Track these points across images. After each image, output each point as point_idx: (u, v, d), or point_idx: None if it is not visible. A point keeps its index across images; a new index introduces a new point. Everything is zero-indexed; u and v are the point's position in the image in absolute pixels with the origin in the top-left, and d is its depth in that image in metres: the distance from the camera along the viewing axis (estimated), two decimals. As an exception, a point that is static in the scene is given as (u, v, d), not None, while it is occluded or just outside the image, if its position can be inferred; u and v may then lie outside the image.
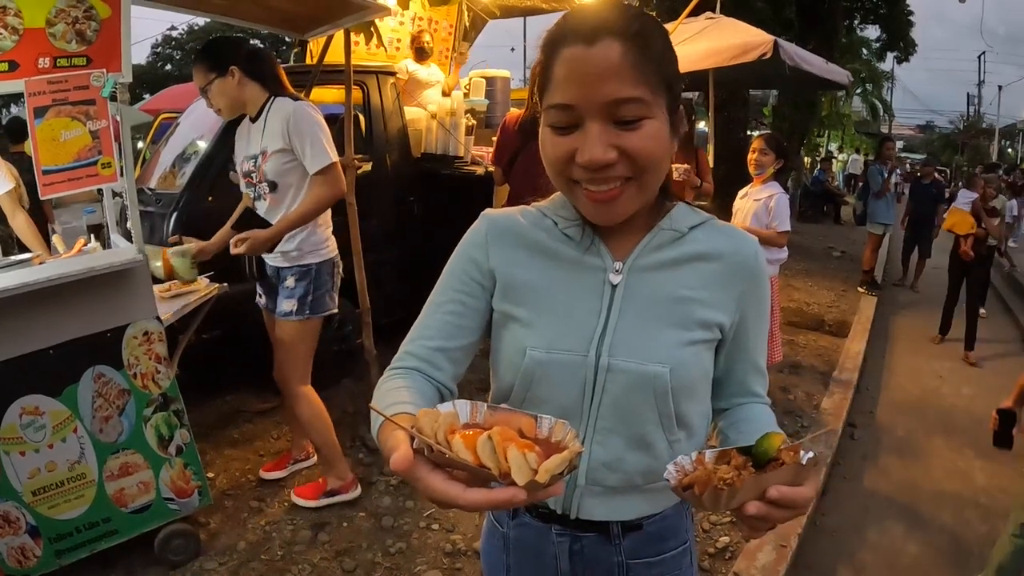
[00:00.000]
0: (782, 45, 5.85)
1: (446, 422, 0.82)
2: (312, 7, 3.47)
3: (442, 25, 6.74)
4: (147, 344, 2.81)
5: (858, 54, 20.66)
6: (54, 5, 2.51)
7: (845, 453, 4.35)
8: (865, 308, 7.63)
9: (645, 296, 1.10)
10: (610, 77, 0.95)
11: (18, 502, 2.65)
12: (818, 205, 16.71)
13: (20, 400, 2.61)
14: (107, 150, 2.64)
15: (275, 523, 3.28)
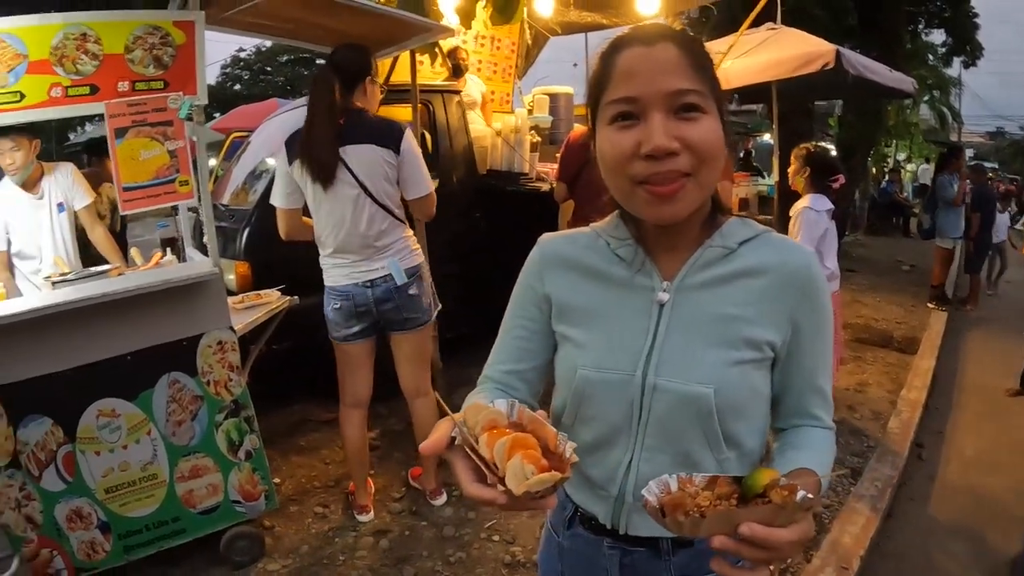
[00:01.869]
0: (844, 54, 5.77)
1: (487, 417, 0.92)
2: (377, 29, 3.58)
3: (505, 43, 6.82)
4: (220, 353, 2.94)
5: (923, 60, 20.00)
6: (132, 32, 2.69)
7: (912, 474, 4.24)
8: (935, 324, 7.41)
9: (692, 315, 1.10)
10: (670, 70, 0.99)
11: (91, 499, 2.81)
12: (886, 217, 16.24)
13: (97, 403, 2.78)
14: (184, 168, 2.81)
15: (338, 529, 3.37)
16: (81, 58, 2.62)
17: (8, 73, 2.56)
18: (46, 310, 2.67)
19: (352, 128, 2.96)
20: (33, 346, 2.67)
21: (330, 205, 3.02)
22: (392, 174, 3.04)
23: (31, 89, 2.59)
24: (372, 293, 3.10)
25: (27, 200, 3.71)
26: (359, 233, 3.03)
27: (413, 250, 3.23)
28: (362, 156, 2.97)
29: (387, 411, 4.35)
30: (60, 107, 2.66)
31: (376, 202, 3.01)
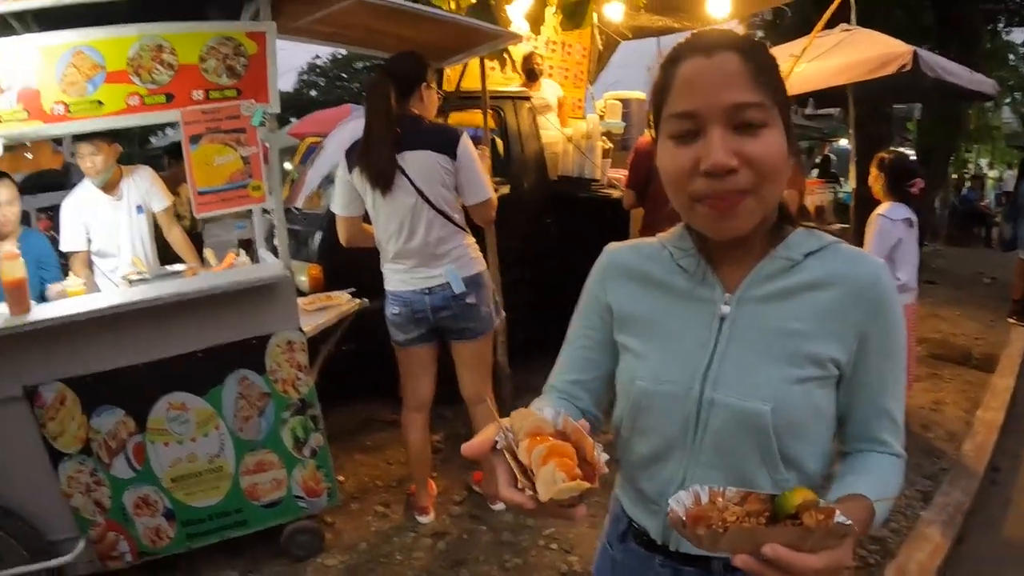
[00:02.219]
0: (922, 56, 5.58)
1: (531, 424, 0.95)
2: (445, 37, 3.64)
3: (576, 48, 6.81)
4: (289, 352, 3.02)
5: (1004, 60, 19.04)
6: (206, 43, 2.80)
7: (985, 499, 4.06)
8: (1015, 341, 7.08)
9: (753, 329, 1.07)
10: (731, 82, 0.97)
11: (158, 487, 2.95)
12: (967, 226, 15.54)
13: (168, 396, 2.90)
14: (256, 174, 2.91)
15: (397, 528, 3.42)
16: (157, 68, 2.74)
17: (87, 83, 2.69)
18: (122, 307, 2.81)
19: (409, 135, 3.00)
20: (109, 340, 2.81)
21: (389, 212, 3.06)
22: (449, 180, 3.06)
23: (109, 98, 2.72)
24: (429, 300, 3.12)
25: (107, 202, 3.88)
26: (417, 239, 3.06)
27: (473, 258, 3.21)
28: (419, 162, 3.00)
29: (452, 414, 4.35)
30: (137, 115, 2.78)
31: (434, 208, 3.03)
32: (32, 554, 2.79)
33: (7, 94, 2.66)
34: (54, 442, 2.81)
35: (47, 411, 2.77)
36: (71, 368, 2.78)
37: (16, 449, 2.80)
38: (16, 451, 2.80)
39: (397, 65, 3.10)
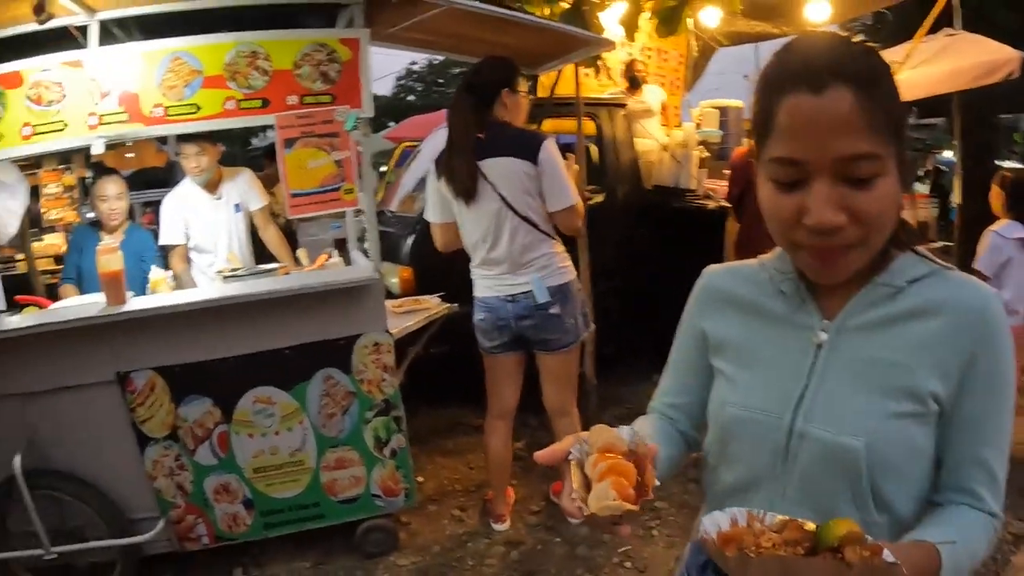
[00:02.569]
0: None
1: (606, 440, 0.94)
2: (540, 43, 3.63)
3: (672, 54, 6.69)
4: (376, 354, 3.08)
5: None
6: (300, 50, 2.90)
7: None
8: None
9: (850, 359, 1.00)
10: (842, 131, 0.86)
11: (239, 476, 3.07)
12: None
13: (255, 390, 3.02)
14: (349, 177, 2.98)
15: (472, 534, 3.42)
16: (252, 74, 2.87)
17: (185, 87, 2.84)
18: (215, 302, 2.96)
19: (492, 141, 2.99)
20: (201, 333, 2.95)
21: (474, 219, 3.07)
22: (533, 186, 3.01)
23: (206, 102, 2.86)
24: (512, 308, 3.09)
25: (207, 200, 4.05)
26: (502, 247, 3.04)
27: (561, 267, 3.14)
28: (501, 169, 2.98)
29: (536, 423, 4.28)
30: (233, 118, 2.92)
31: (518, 215, 3.01)
32: (113, 530, 2.97)
33: (109, 97, 2.84)
34: (142, 426, 2.97)
35: (137, 396, 2.93)
36: (163, 357, 2.93)
37: (106, 430, 2.98)
38: (105, 432, 2.98)
39: (477, 73, 3.11)
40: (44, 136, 2.88)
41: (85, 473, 2.99)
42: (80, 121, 2.86)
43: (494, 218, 3.01)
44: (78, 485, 2.97)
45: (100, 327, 2.86)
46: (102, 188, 3.91)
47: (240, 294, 2.98)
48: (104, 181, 3.97)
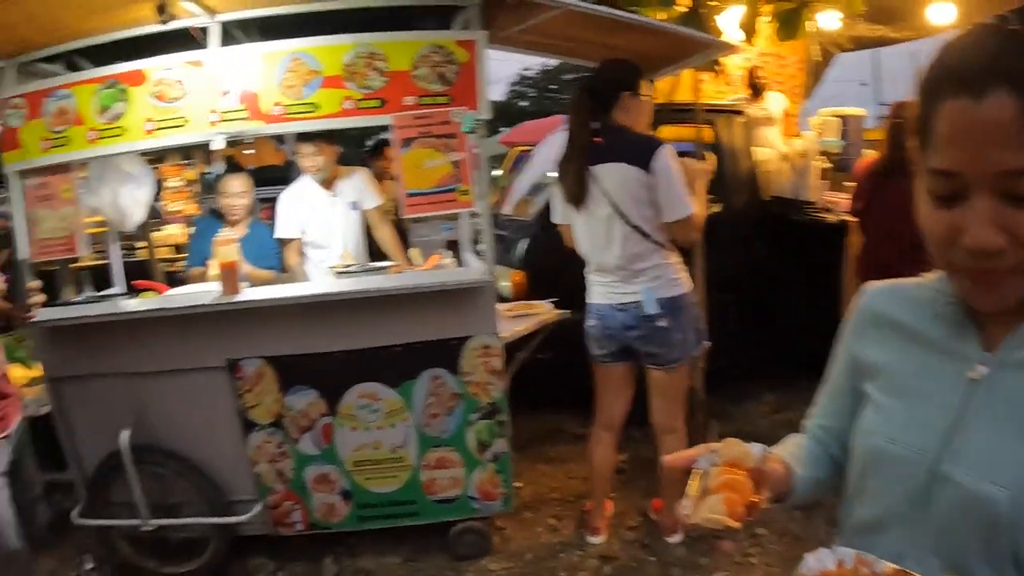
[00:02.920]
0: None
1: (735, 454, 0.95)
2: (656, 47, 3.55)
3: (790, 60, 6.43)
4: (485, 357, 3.07)
5: None
6: (418, 51, 2.93)
7: None
8: None
9: (1008, 399, 0.88)
10: (1002, 141, 0.76)
11: (340, 468, 3.13)
12: None
13: (361, 385, 3.07)
14: (465, 179, 2.99)
15: (566, 544, 3.36)
16: (370, 75, 2.92)
17: (304, 87, 2.93)
18: (327, 296, 3.03)
19: (609, 146, 2.91)
20: (312, 326, 3.03)
21: (586, 224, 3.02)
22: (645, 195, 2.88)
23: (325, 101, 2.94)
24: (621, 317, 3.00)
25: (324, 197, 4.14)
26: (613, 254, 2.97)
27: (674, 279, 3.01)
28: (614, 175, 2.90)
29: (641, 436, 4.06)
30: (351, 118, 2.98)
31: (629, 223, 2.92)
32: (211, 509, 3.10)
33: (230, 96, 2.96)
34: (248, 413, 3.08)
35: (245, 384, 3.04)
36: (273, 347, 3.03)
37: (213, 414, 3.11)
38: (212, 416, 3.12)
39: (596, 76, 3.05)
40: (166, 131, 3.04)
41: (189, 452, 3.14)
42: (201, 118, 2.99)
43: (605, 225, 2.95)
44: (181, 463, 3.12)
45: (213, 315, 2.98)
46: (228, 184, 4.09)
47: (352, 290, 3.04)
48: (230, 177, 4.15)
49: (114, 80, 3.05)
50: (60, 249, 3.21)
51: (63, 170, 3.17)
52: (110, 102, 3.03)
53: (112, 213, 3.70)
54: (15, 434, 2.43)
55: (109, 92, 3.04)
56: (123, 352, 3.10)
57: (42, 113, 3.10)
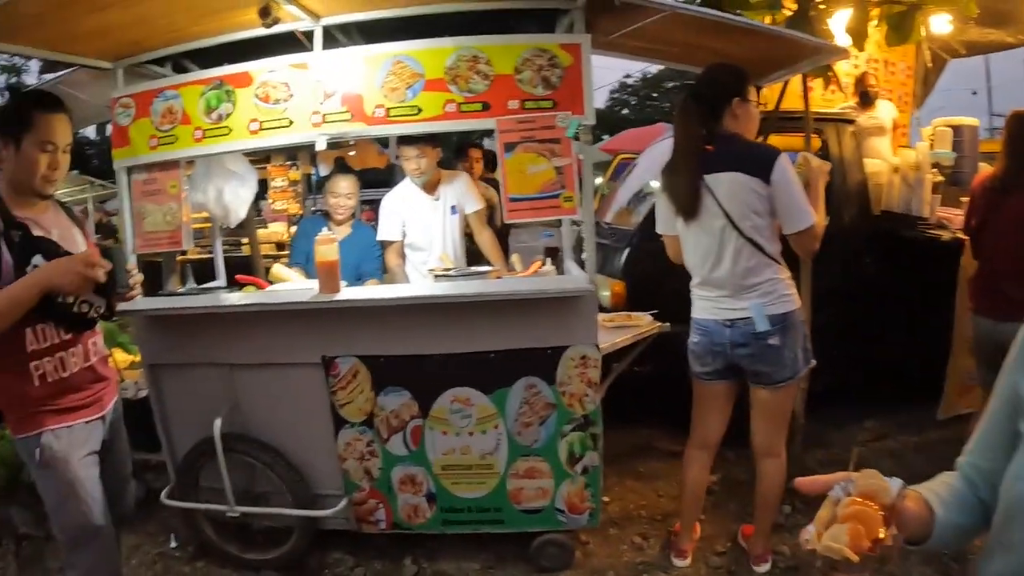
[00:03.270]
0: None
1: (870, 487, 0.93)
2: (765, 51, 3.41)
3: (899, 67, 6.13)
4: (582, 367, 3.00)
5: None
6: (521, 55, 2.90)
7: None
8: None
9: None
10: None
11: (427, 470, 3.13)
12: None
13: (455, 389, 3.05)
14: (569, 185, 2.94)
15: (649, 565, 3.26)
16: (473, 78, 2.91)
17: (407, 89, 2.94)
18: (425, 299, 3.04)
19: (720, 155, 2.80)
20: (409, 328, 3.03)
21: (696, 236, 2.91)
22: (762, 206, 2.76)
23: (427, 104, 2.94)
24: (730, 334, 2.87)
25: (425, 201, 4.16)
26: (724, 268, 2.85)
27: (785, 295, 2.87)
28: (728, 185, 2.78)
29: (735, 457, 3.98)
30: (454, 121, 2.98)
31: (743, 235, 2.80)
32: (296, 500, 3.15)
33: (333, 98, 3.01)
34: (340, 410, 3.11)
35: (339, 381, 3.07)
36: (369, 347, 3.05)
37: (305, 408, 3.16)
38: (305, 410, 3.17)
39: (704, 82, 2.93)
40: (270, 132, 3.11)
41: (278, 444, 3.20)
42: (304, 119, 3.04)
43: (717, 237, 2.83)
44: (270, 454, 3.18)
45: (311, 312, 3.02)
46: (336, 184, 4.18)
47: (450, 294, 3.03)
48: (339, 178, 4.24)
49: (220, 81, 3.15)
50: (165, 242, 3.33)
51: (169, 167, 3.28)
52: (216, 103, 3.13)
53: (216, 209, 3.81)
54: (109, 415, 2.50)
55: (215, 93, 3.14)
56: (221, 343, 3.19)
57: (150, 112, 3.22)
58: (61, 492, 2.30)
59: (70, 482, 2.29)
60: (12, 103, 2.32)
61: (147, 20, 2.92)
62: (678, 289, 3.12)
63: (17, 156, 2.23)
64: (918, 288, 4.39)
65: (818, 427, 4.14)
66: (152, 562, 3.50)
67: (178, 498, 3.33)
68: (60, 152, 2.28)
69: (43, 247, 2.25)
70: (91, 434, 2.38)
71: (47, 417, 2.26)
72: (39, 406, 2.26)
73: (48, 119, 2.24)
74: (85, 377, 2.38)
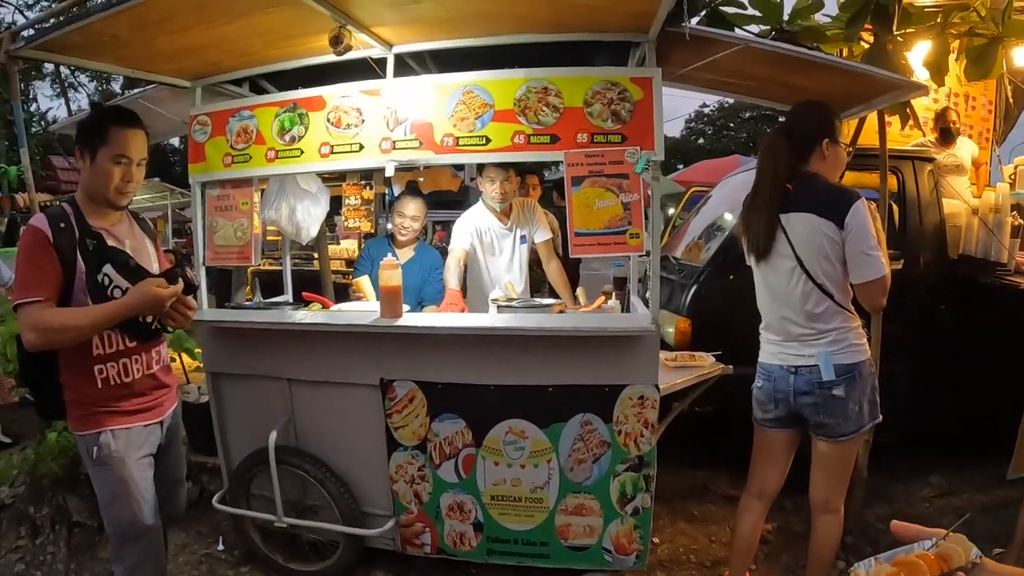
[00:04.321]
0: None
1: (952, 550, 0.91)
2: (842, 87, 3.31)
3: (980, 101, 5.91)
4: (640, 407, 2.95)
5: None
6: (591, 87, 2.87)
7: None
8: None
9: None
10: None
11: (476, 499, 3.12)
12: None
13: (510, 421, 3.04)
14: (636, 221, 2.89)
15: (696, 612, 3.14)
16: (543, 110, 2.89)
17: (476, 119, 2.95)
18: (485, 331, 3.03)
19: (799, 194, 2.71)
20: (468, 357, 3.04)
21: (765, 275, 2.84)
22: (834, 251, 2.65)
23: (496, 135, 2.94)
24: (794, 381, 2.76)
25: (497, 226, 4.19)
26: (791, 311, 2.76)
27: (854, 344, 2.72)
28: (803, 226, 2.70)
29: (792, 506, 3.88)
30: (522, 152, 2.95)
31: (812, 280, 2.71)
32: (344, 517, 3.19)
33: (402, 125, 3.04)
34: (394, 432, 3.14)
35: (396, 404, 3.10)
36: (427, 373, 3.06)
37: (360, 428, 3.21)
38: (359, 430, 3.21)
39: (795, 120, 2.84)
40: (341, 156, 3.16)
41: (330, 461, 3.25)
42: (374, 145, 3.08)
43: (786, 278, 2.75)
44: (322, 469, 3.22)
45: (372, 335, 3.06)
46: (403, 206, 4.19)
47: (510, 327, 3.03)
48: (407, 199, 4.24)
49: (294, 104, 3.22)
50: (235, 257, 3.40)
51: (242, 184, 3.36)
52: (290, 125, 3.20)
53: (288, 227, 3.89)
54: (167, 420, 2.57)
55: (289, 115, 3.21)
56: (282, 359, 3.25)
57: (226, 131, 3.31)
58: (114, 490, 2.38)
59: (124, 481, 2.37)
60: (91, 116, 2.40)
61: (224, 43, 3.00)
62: (744, 329, 3.03)
63: (92, 167, 2.32)
64: (994, 338, 4.17)
65: (879, 480, 3.98)
66: (198, 562, 3.60)
67: (229, 504, 3.41)
68: (134, 166, 2.37)
69: (115, 257, 2.35)
70: (148, 437, 2.46)
71: (107, 418, 2.35)
72: (99, 407, 2.34)
73: (124, 134, 2.33)
74: (146, 384, 2.46)
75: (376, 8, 2.74)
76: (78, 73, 22.16)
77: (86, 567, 3.60)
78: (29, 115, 22.48)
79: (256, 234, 3.38)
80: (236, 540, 3.63)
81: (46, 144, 18.87)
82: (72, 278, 2.25)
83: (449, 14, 2.80)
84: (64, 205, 2.35)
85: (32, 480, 3.96)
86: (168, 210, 13.07)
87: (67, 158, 13.39)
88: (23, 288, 2.19)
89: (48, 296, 2.19)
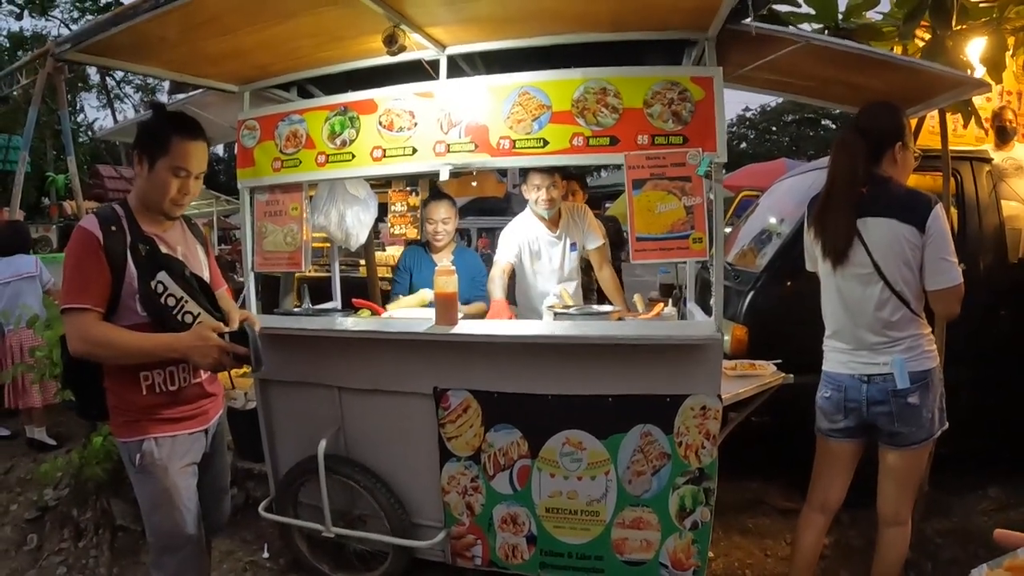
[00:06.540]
0: None
1: None
2: (903, 86, 3.21)
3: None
4: (702, 418, 2.85)
5: None
6: (651, 87, 2.79)
7: None
8: None
9: None
10: None
11: (530, 511, 3.04)
12: None
13: (567, 431, 2.95)
14: (699, 226, 2.79)
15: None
16: (601, 111, 2.81)
17: (533, 121, 2.88)
18: (545, 339, 2.95)
19: (873, 199, 2.62)
20: (524, 366, 2.95)
21: (837, 281, 2.74)
22: (913, 257, 2.58)
23: (554, 137, 2.86)
24: (866, 390, 2.67)
25: (546, 234, 4.11)
26: (865, 319, 2.67)
27: (926, 352, 2.66)
28: (880, 231, 2.61)
29: (849, 520, 3.73)
30: (580, 155, 2.87)
31: (889, 287, 2.62)
32: (394, 528, 3.13)
33: (457, 128, 2.98)
34: (448, 442, 3.07)
35: (450, 414, 3.04)
36: (482, 382, 2.99)
37: (412, 438, 3.14)
38: (411, 439, 3.15)
39: (870, 120, 2.73)
40: (394, 159, 3.10)
41: (381, 471, 3.19)
42: (428, 148, 3.03)
43: (862, 285, 2.66)
44: (372, 479, 3.16)
45: (426, 343, 3.00)
46: (433, 210, 4.15)
47: (571, 335, 2.95)
48: (436, 204, 4.19)
49: (345, 107, 3.17)
50: (284, 263, 3.38)
51: (292, 189, 3.33)
52: (341, 128, 3.16)
53: (338, 233, 3.87)
54: (212, 428, 2.53)
55: (340, 119, 3.16)
56: (332, 366, 3.20)
57: (275, 135, 3.28)
58: (156, 499, 2.33)
59: (167, 489, 2.32)
60: (153, 121, 2.33)
61: (273, 44, 2.97)
62: (803, 337, 2.95)
63: (149, 176, 2.26)
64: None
65: (939, 494, 3.85)
66: (243, 569, 3.56)
67: (276, 512, 3.37)
68: (192, 178, 2.31)
69: (169, 264, 2.29)
70: (192, 445, 2.41)
71: (151, 425, 2.30)
72: (144, 414, 2.29)
73: (185, 146, 2.27)
74: (192, 392, 2.41)
75: (431, 7, 2.69)
76: (123, 83, 22.52)
77: (128, 572, 3.60)
78: (76, 125, 22.78)
79: (306, 240, 3.34)
80: (282, 548, 3.60)
81: (93, 153, 19.22)
82: (121, 283, 2.20)
83: (507, 13, 2.75)
84: (116, 207, 2.29)
85: (76, 483, 3.98)
86: (213, 217, 13.23)
87: (114, 167, 13.57)
88: (71, 293, 2.15)
89: (96, 304, 2.15)
